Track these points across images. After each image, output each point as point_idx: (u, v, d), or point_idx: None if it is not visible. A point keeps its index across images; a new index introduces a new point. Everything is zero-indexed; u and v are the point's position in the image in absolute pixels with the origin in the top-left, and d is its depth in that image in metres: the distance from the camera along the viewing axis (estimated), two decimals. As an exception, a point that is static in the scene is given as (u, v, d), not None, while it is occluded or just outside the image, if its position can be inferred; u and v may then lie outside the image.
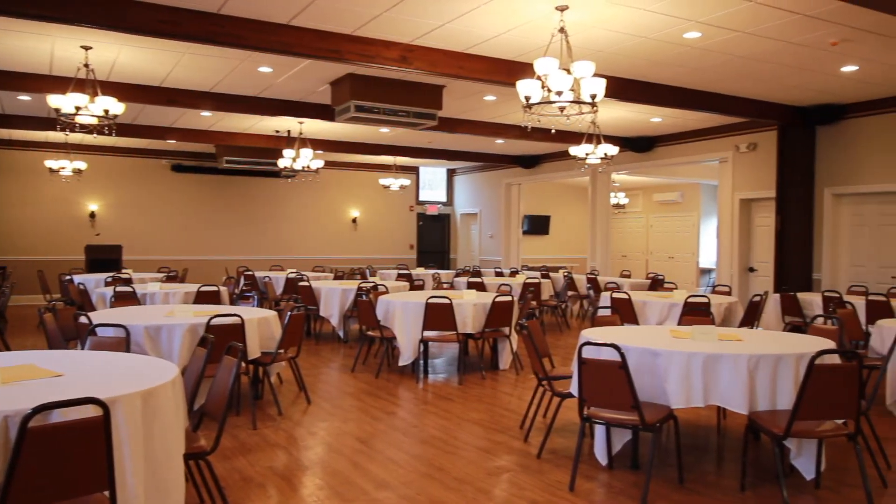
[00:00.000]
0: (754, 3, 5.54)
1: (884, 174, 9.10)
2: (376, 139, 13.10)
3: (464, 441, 4.73)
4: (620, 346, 3.67)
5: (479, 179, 17.49)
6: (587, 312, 11.88)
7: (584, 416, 3.85)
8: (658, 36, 6.43)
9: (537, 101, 5.41)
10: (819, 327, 4.95)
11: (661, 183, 17.11)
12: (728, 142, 11.14)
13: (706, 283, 16.78)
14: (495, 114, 10.48)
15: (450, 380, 6.81)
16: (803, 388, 3.32)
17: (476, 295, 7.31)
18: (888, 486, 3.88)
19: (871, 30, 6.17)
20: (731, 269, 11.16)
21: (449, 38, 6.58)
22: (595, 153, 9.01)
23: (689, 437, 4.84)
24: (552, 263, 16.65)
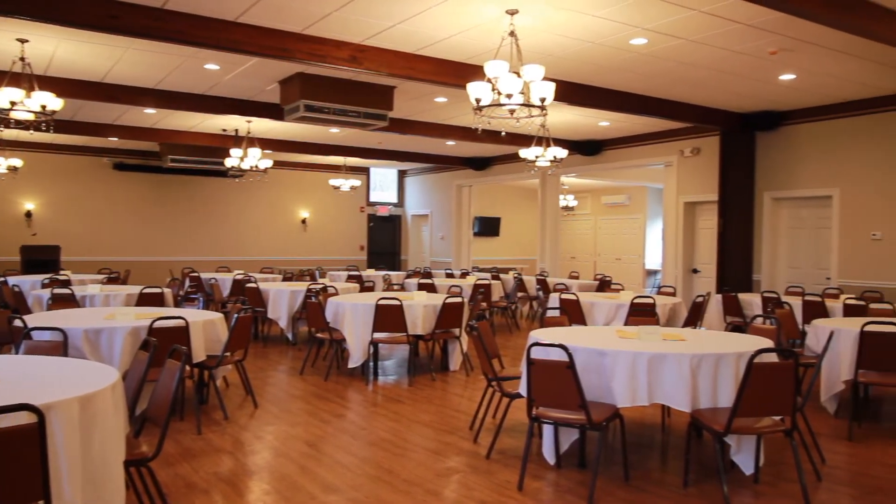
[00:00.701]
0: (698, 11, 5.69)
1: (819, 179, 9.46)
2: (326, 139, 12.98)
3: (413, 443, 4.72)
4: (568, 346, 3.72)
5: (430, 181, 17.50)
6: (536, 313, 12.00)
7: (533, 416, 3.89)
8: (606, 42, 6.54)
9: (487, 103, 5.45)
10: (758, 327, 5.11)
11: (609, 186, 17.42)
12: (673, 146, 11.41)
13: (652, 284, 17.16)
14: (446, 115, 10.51)
15: (400, 382, 6.79)
16: (743, 385, 3.42)
17: (426, 296, 7.30)
18: (822, 479, 4.03)
19: (807, 40, 6.41)
20: (676, 270, 11.43)
21: (400, 39, 6.57)
22: (544, 156, 9.13)
23: (635, 435, 4.94)
24: (502, 265, 16.77)
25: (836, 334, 5.12)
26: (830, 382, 5.30)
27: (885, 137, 8.73)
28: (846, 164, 9.15)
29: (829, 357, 5.20)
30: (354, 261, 17.14)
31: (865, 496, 3.80)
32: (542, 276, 11.42)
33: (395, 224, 18.56)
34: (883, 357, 4.86)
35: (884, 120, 8.74)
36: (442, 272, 13.20)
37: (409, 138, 12.36)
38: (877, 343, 4.86)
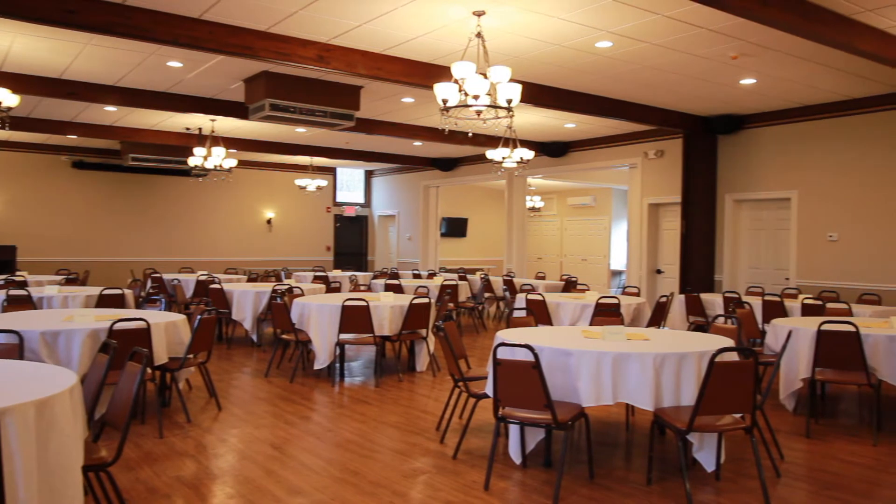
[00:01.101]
0: (661, 16, 5.77)
1: (779, 181, 9.68)
2: (292, 139, 12.87)
3: (380, 444, 4.71)
4: (534, 346, 3.74)
5: (397, 181, 17.47)
6: (503, 314, 12.06)
7: (499, 416, 3.90)
8: (572, 44, 6.60)
9: (454, 104, 5.46)
10: (720, 326, 5.21)
11: (575, 187, 17.59)
12: (637, 148, 11.57)
13: (617, 284, 17.37)
14: (413, 116, 10.50)
15: (366, 383, 6.76)
16: (704, 384, 3.48)
17: (393, 297, 7.28)
18: (781, 475, 4.12)
19: (767, 46, 6.55)
20: (640, 270, 11.59)
21: (367, 39, 6.54)
22: (511, 157, 9.18)
23: (600, 433, 4.99)
24: (470, 265, 16.82)
25: (794, 333, 5.24)
26: (789, 380, 5.42)
27: (842, 141, 8.97)
28: (804, 167, 9.37)
29: (787, 356, 5.32)
30: (321, 261, 17.02)
31: (822, 491, 3.89)
32: (509, 277, 11.47)
33: (361, 224, 18.48)
34: (839, 355, 4.99)
35: (840, 124, 8.98)
36: (409, 273, 13.18)
37: (377, 138, 12.33)
38: (833, 342, 4.98)
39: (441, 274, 12.78)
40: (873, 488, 3.96)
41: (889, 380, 4.95)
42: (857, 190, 8.83)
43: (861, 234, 8.79)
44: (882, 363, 4.97)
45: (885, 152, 8.57)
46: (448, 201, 17.60)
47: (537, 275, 12.58)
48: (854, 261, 8.85)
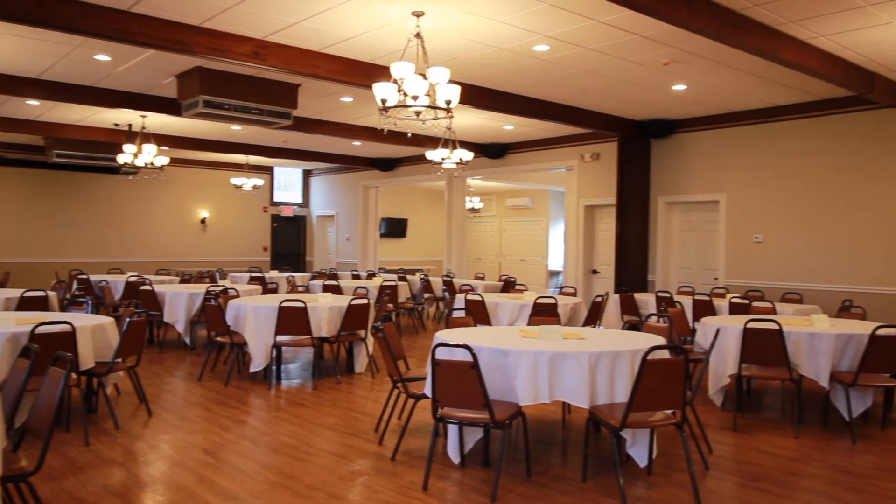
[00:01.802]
0: (597, 21, 5.89)
1: (708, 185, 10.02)
2: (227, 137, 12.59)
3: (317, 447, 4.65)
4: (472, 346, 3.76)
5: (336, 181, 17.30)
6: (443, 314, 12.08)
7: (438, 416, 3.91)
8: (510, 47, 6.67)
9: (393, 104, 5.44)
10: (652, 325, 5.35)
11: (514, 188, 17.78)
12: (574, 151, 11.78)
13: (554, 284, 17.65)
14: (352, 115, 10.42)
15: (304, 385, 6.66)
16: (637, 381, 3.57)
17: (332, 298, 7.21)
18: (710, 469, 4.26)
19: (697, 53, 6.77)
20: (577, 271, 11.80)
21: (305, 36, 6.45)
22: (451, 158, 9.21)
23: (537, 432, 5.05)
24: (409, 266, 16.79)
25: (721, 331, 5.43)
26: (717, 377, 5.62)
27: (767, 147, 9.35)
28: (732, 170, 9.73)
29: (715, 353, 5.51)
30: (257, 262, 16.68)
31: (748, 483, 4.04)
32: (449, 278, 11.51)
33: (299, 225, 18.22)
34: (763, 352, 5.20)
35: (765, 130, 9.36)
36: (348, 273, 13.07)
37: (315, 137, 12.17)
38: (758, 339, 5.18)
39: (380, 274, 12.72)
40: (795, 479, 4.14)
41: (810, 375, 5.19)
42: (781, 193, 9.22)
43: (784, 235, 9.19)
44: (803, 359, 5.20)
45: (806, 158, 8.97)
46: (388, 202, 17.54)
47: (476, 275, 12.66)
48: (778, 261, 9.24)
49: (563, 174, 12.32)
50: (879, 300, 8.25)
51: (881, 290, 8.29)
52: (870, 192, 8.41)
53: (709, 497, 3.79)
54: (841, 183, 8.66)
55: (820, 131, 8.85)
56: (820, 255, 8.83)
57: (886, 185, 8.28)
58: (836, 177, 8.70)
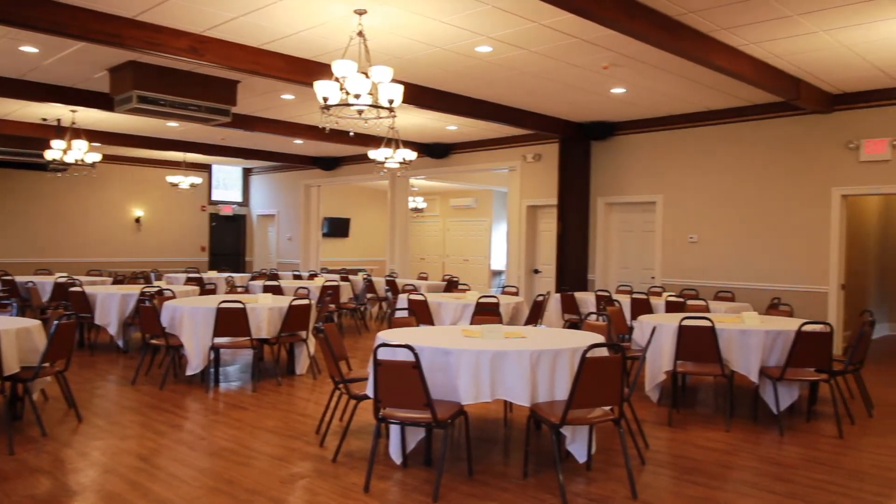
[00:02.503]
0: (538, 24, 5.97)
1: (646, 186, 10.28)
2: (163, 133, 12.24)
3: (256, 450, 4.56)
4: (414, 346, 3.75)
5: (277, 180, 17.02)
6: (385, 314, 12.03)
7: (380, 416, 3.89)
8: (453, 47, 6.69)
9: (335, 102, 5.39)
10: (591, 323, 5.45)
11: (457, 189, 17.86)
12: (517, 152, 11.91)
13: (497, 284, 17.80)
14: (293, 113, 10.27)
15: (243, 388, 6.53)
16: (577, 379, 3.62)
17: (272, 299, 7.08)
18: (646, 463, 4.37)
19: (635, 58, 6.93)
20: (519, 270, 11.93)
21: (244, 32, 6.33)
22: (394, 157, 9.18)
23: (479, 430, 5.08)
24: (352, 266, 16.66)
25: (658, 329, 5.58)
26: (653, 373, 5.76)
27: (702, 149, 9.65)
28: (669, 172, 10.01)
29: (652, 350, 5.65)
30: (195, 262, 16.27)
31: (682, 476, 4.16)
32: (392, 278, 11.47)
33: (239, 224, 17.85)
34: (697, 348, 5.36)
35: (701, 133, 9.66)
36: (289, 274, 12.88)
37: (255, 135, 11.95)
38: (692, 336, 5.34)
39: (322, 275, 12.58)
40: (726, 471, 4.28)
41: (740, 370, 5.37)
42: (715, 195, 9.53)
43: (718, 235, 9.50)
44: (734, 355, 5.38)
45: (737, 161, 9.30)
46: (330, 201, 17.37)
47: (420, 275, 12.65)
48: (711, 261, 9.55)
49: (506, 174, 12.44)
50: (805, 298, 8.62)
51: (807, 289, 8.66)
52: (796, 194, 8.78)
53: (645, 490, 3.88)
54: (770, 185, 9.00)
55: (750, 135, 9.19)
56: (750, 255, 9.16)
57: (811, 187, 8.65)
58: (765, 179, 9.05)
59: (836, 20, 5.72)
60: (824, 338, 5.12)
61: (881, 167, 8.14)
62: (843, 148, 8.41)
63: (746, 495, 3.86)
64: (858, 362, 5.67)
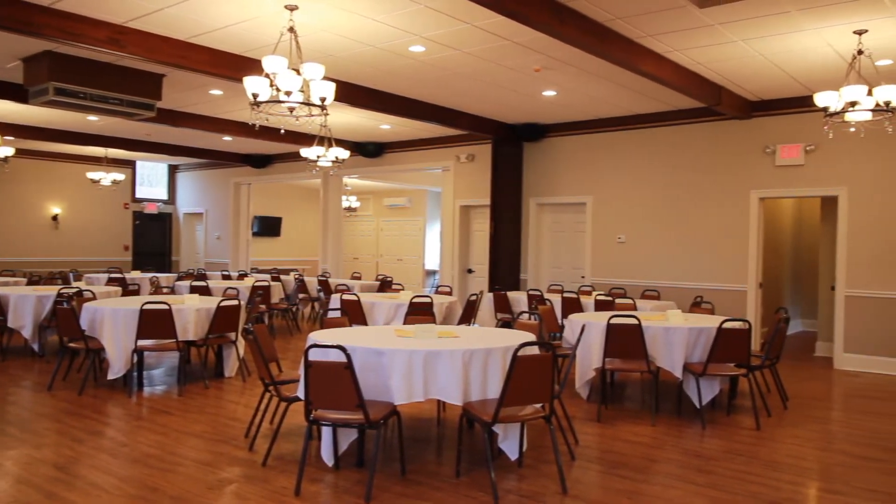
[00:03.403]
0: (471, 25, 6.00)
1: (576, 187, 10.49)
2: (83, 128, 11.72)
3: (182, 456, 4.42)
4: (346, 346, 3.72)
5: (205, 177, 16.56)
6: (318, 315, 11.88)
7: (311, 418, 3.83)
8: (386, 46, 6.66)
9: (265, 99, 5.28)
10: (523, 322, 5.52)
11: (391, 188, 17.80)
12: (450, 152, 11.95)
13: (431, 283, 17.83)
14: (222, 109, 10.01)
15: (169, 392, 6.32)
16: (508, 377, 3.66)
17: (199, 299, 6.89)
18: (576, 459, 4.46)
19: (566, 61, 7.06)
20: (453, 270, 11.98)
21: (169, 24, 6.12)
22: (326, 156, 9.06)
23: (413, 430, 5.08)
24: (284, 266, 16.38)
25: (587, 327, 5.70)
26: (583, 370, 5.89)
27: (630, 152, 9.92)
28: (599, 174, 10.24)
29: (581, 347, 5.77)
30: (117, 262, 15.65)
31: (610, 470, 4.27)
32: (324, 277, 11.33)
33: (164, 222, 17.27)
34: (625, 346, 5.50)
35: (629, 136, 9.93)
36: (218, 274, 12.55)
37: (182, 131, 11.59)
38: (620, 334, 5.48)
39: (253, 275, 12.32)
40: (651, 464, 4.41)
41: (665, 366, 5.55)
42: (641, 197, 9.81)
43: (644, 236, 9.78)
44: (659, 352, 5.56)
45: (663, 164, 9.60)
46: (261, 199, 17.02)
47: (353, 275, 12.55)
48: (639, 260, 9.83)
49: (439, 174, 12.47)
50: (726, 296, 8.98)
51: (727, 287, 9.02)
52: (717, 196, 9.13)
53: (575, 486, 3.96)
54: (693, 188, 9.34)
55: (675, 139, 9.50)
56: (675, 255, 9.48)
57: (731, 190, 9.02)
58: (688, 182, 9.38)
59: (754, 31, 5.98)
60: (743, 334, 5.35)
61: (795, 171, 8.56)
62: (760, 153, 8.80)
63: (670, 487, 3.99)
64: (774, 357, 5.95)
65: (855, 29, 5.82)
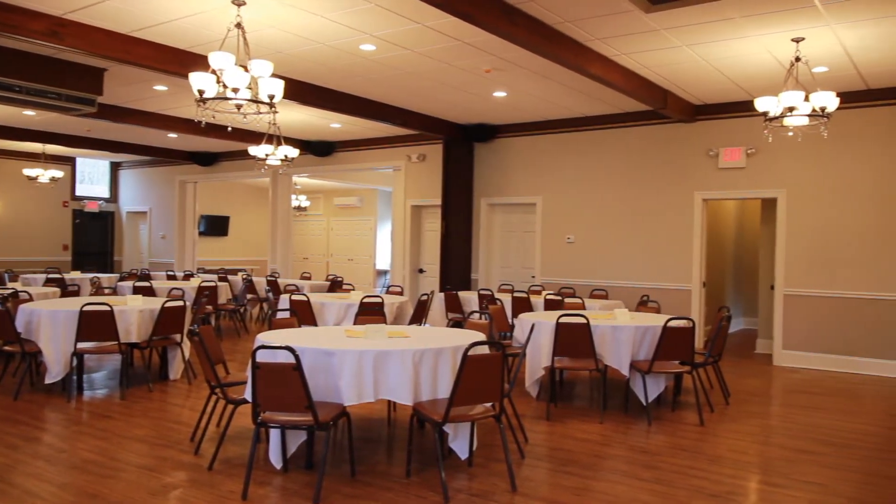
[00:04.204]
0: (422, 25, 6.00)
1: (526, 188, 10.59)
2: (20, 122, 11.28)
3: (125, 461, 4.30)
4: (295, 347, 3.67)
5: (149, 175, 16.13)
6: (266, 315, 11.70)
7: (259, 421, 3.77)
8: (336, 44, 6.60)
9: (212, 96, 5.17)
10: (474, 322, 5.54)
11: (342, 187, 17.65)
12: (401, 151, 11.92)
13: (382, 283, 17.76)
14: (167, 105, 9.77)
15: (110, 395, 6.14)
16: (458, 377, 3.68)
17: (143, 300, 6.71)
18: (525, 457, 4.50)
19: (516, 63, 7.12)
20: (404, 270, 11.96)
21: (111, 17, 5.94)
22: (275, 154, 8.93)
23: (363, 430, 5.04)
24: (232, 266, 16.08)
25: (537, 326, 5.76)
26: (533, 369, 5.95)
27: (579, 153, 10.06)
28: (548, 175, 10.36)
29: (531, 346, 5.83)
30: (56, 262, 15.11)
31: (559, 468, 4.32)
32: (273, 278, 11.17)
33: (106, 221, 16.76)
34: (574, 345, 5.58)
35: (578, 138, 10.07)
36: (163, 274, 12.24)
37: (125, 127, 11.26)
38: (568, 333, 5.56)
39: (199, 275, 12.06)
40: (599, 461, 4.48)
41: (613, 364, 5.65)
42: (590, 198, 9.97)
43: (593, 236, 9.94)
44: (607, 350, 5.65)
45: (611, 165, 9.77)
46: (208, 198, 16.67)
47: (303, 275, 12.40)
48: (587, 260, 9.98)
49: (390, 174, 12.43)
50: (671, 295, 9.19)
51: (673, 286, 9.24)
52: (663, 198, 9.34)
53: (524, 484, 4.00)
54: (639, 189, 9.53)
55: (623, 142, 9.68)
56: (622, 255, 9.66)
57: (676, 191, 9.23)
58: (635, 183, 9.57)
59: (699, 36, 6.13)
60: (687, 333, 5.48)
61: (737, 173, 8.82)
62: (704, 155, 9.04)
63: (617, 483, 4.06)
64: (717, 355, 6.12)
65: (793, 37, 6.02)
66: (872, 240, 7.92)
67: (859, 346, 7.98)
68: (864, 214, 7.97)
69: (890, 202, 7.83)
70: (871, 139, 7.94)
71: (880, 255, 7.87)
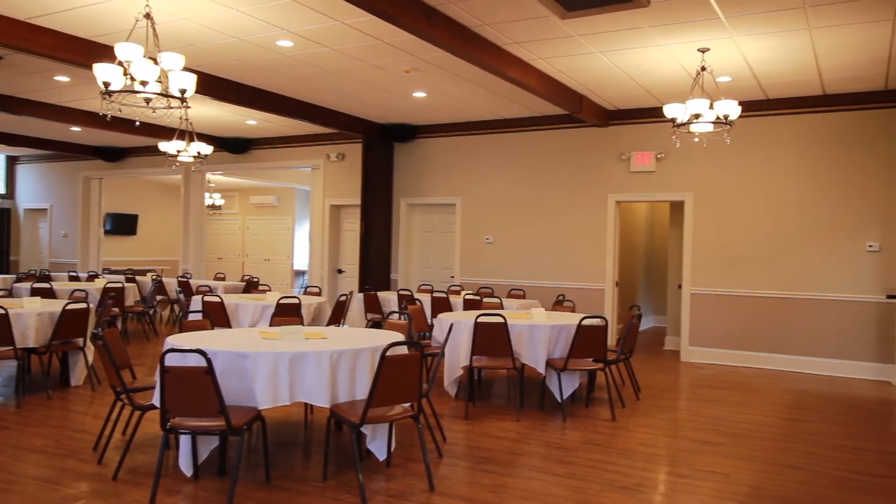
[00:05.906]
0: (340, 23, 5.93)
1: (446, 188, 10.65)
2: None
3: (21, 473, 4.04)
4: (207, 350, 3.55)
5: (49, 170, 15.27)
6: (178, 318, 11.29)
7: (168, 427, 3.63)
8: (252, 39, 6.44)
9: (118, 88, 4.94)
10: (393, 322, 5.52)
11: (258, 186, 17.23)
12: (320, 150, 11.75)
13: (300, 284, 17.45)
14: (70, 97, 9.27)
15: (5, 404, 5.77)
16: (376, 377, 3.65)
17: (41, 303, 6.34)
18: (444, 456, 4.52)
19: (436, 64, 7.15)
20: (322, 270, 11.79)
21: (9, 2, 5.58)
22: (187, 151, 8.62)
23: (279, 434, 4.94)
24: (140, 266, 15.44)
25: (455, 326, 5.80)
26: (451, 368, 5.98)
27: (497, 155, 10.20)
28: (467, 176, 10.45)
29: (450, 346, 5.87)
30: (-55, 262, 14.11)
31: (477, 466, 4.36)
32: (185, 278, 10.78)
33: (2, 219, 15.75)
34: (491, 344, 5.65)
35: (496, 140, 10.21)
36: (64, 275, 11.61)
37: (23, 120, 10.62)
38: (486, 332, 5.62)
39: (104, 275, 11.50)
40: (516, 458, 4.55)
41: (529, 363, 5.75)
42: (508, 198, 10.12)
43: (511, 237, 10.10)
44: (524, 349, 5.75)
45: (529, 167, 9.95)
46: (114, 195, 15.93)
47: (217, 275, 12.03)
48: (505, 260, 10.13)
49: (308, 173, 12.23)
50: (586, 294, 9.45)
51: (587, 286, 9.50)
52: (578, 200, 9.60)
53: (442, 483, 4.01)
54: (556, 191, 9.75)
55: (539, 144, 9.88)
56: (539, 255, 9.86)
57: (591, 194, 9.50)
58: (552, 185, 9.78)
59: (611, 43, 6.33)
60: (600, 331, 5.65)
61: (648, 177, 9.16)
62: (617, 159, 9.34)
63: (533, 479, 4.13)
64: (629, 352, 6.33)
65: (699, 47, 6.31)
66: (771, 241, 8.39)
67: (758, 341, 8.44)
68: (764, 217, 8.44)
69: (787, 206, 8.32)
70: (770, 146, 8.41)
71: (778, 256, 8.35)
